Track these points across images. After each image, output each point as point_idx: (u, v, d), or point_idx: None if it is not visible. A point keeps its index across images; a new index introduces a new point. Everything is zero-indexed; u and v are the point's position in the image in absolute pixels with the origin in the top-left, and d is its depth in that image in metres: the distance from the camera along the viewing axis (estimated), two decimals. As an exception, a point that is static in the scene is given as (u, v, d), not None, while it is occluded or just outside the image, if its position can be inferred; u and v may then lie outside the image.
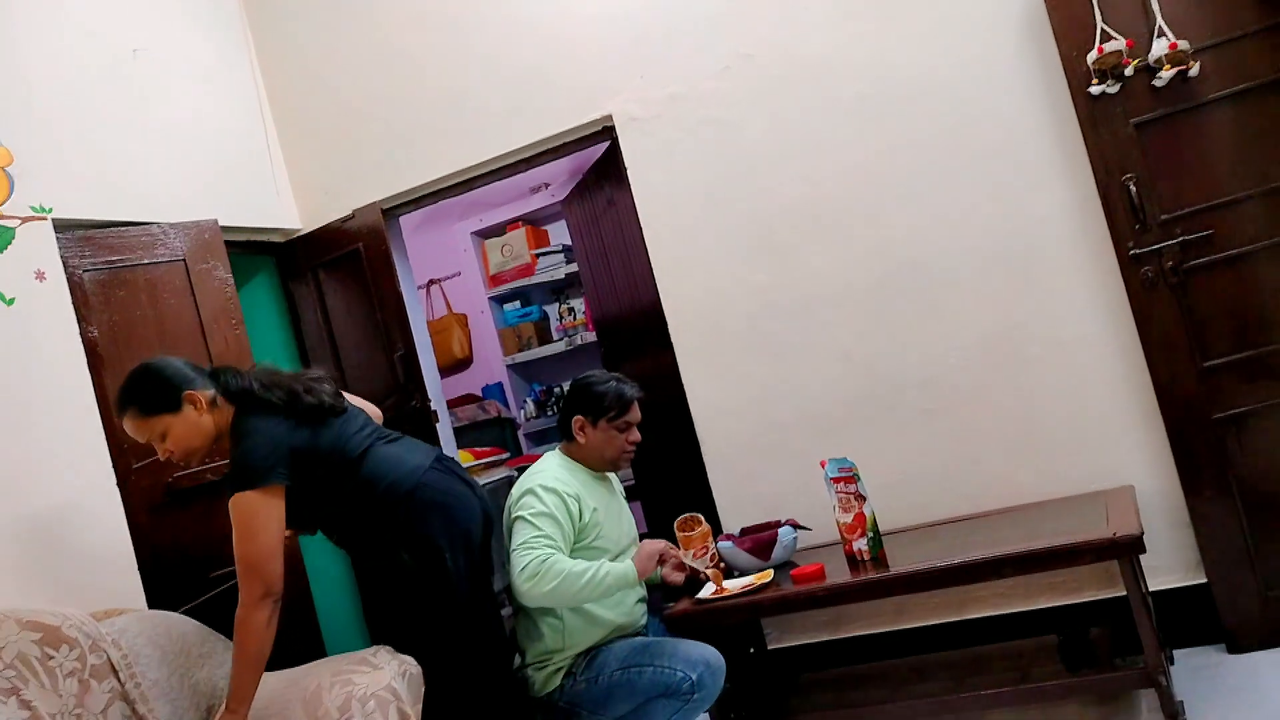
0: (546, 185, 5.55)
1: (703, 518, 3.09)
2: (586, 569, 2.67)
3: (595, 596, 2.71)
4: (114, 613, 2.72)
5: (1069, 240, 3.12)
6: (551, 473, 2.90)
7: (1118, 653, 2.84)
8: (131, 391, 2.55)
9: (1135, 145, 2.93)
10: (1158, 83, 2.87)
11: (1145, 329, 2.98)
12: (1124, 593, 2.63)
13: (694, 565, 2.96)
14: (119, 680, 2.50)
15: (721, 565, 3.09)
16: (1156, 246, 2.93)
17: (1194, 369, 2.92)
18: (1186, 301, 2.92)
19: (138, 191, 3.44)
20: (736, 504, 3.50)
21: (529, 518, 2.77)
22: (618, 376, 3.03)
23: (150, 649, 2.62)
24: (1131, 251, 2.95)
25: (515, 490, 2.91)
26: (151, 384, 2.54)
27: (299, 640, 3.37)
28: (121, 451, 3.08)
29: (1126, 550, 2.56)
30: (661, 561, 2.86)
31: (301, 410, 2.57)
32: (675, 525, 3.06)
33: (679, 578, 3.02)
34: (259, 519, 2.43)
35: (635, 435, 3.00)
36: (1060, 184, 3.11)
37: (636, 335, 3.94)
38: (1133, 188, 2.93)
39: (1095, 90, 2.93)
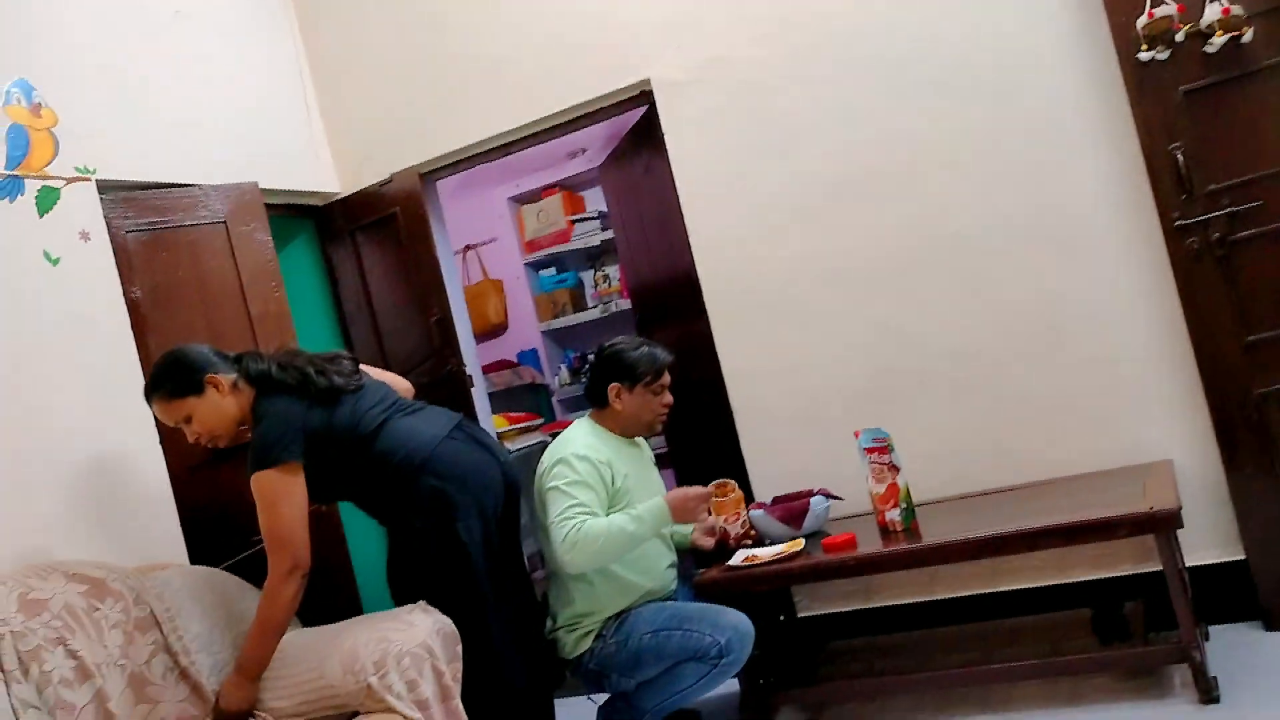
0: (583, 151, 5.53)
1: (735, 484, 3.10)
2: (620, 520, 2.74)
3: (641, 539, 2.78)
4: (157, 567, 2.78)
5: (1112, 210, 3.07)
6: (582, 440, 2.92)
7: (1152, 628, 2.83)
8: (159, 377, 2.69)
9: (1184, 113, 2.87)
10: (1209, 49, 2.80)
11: (1189, 301, 2.93)
12: (1160, 568, 2.61)
13: (726, 528, 2.98)
14: (162, 633, 2.56)
15: (753, 532, 3.10)
16: (1203, 217, 2.87)
17: (1238, 343, 2.88)
18: (1232, 274, 2.87)
19: (179, 153, 3.47)
20: (769, 472, 3.50)
21: (563, 488, 2.80)
22: (645, 341, 3.08)
23: (192, 603, 2.68)
24: (1177, 222, 2.90)
25: (546, 459, 2.93)
26: (177, 369, 2.67)
27: (337, 598, 3.43)
28: (164, 410, 3.13)
29: (1164, 525, 2.54)
30: (694, 516, 2.88)
31: (315, 391, 2.67)
32: (714, 497, 3.06)
33: (709, 542, 3.04)
34: (280, 495, 2.55)
35: (668, 398, 3.05)
36: (1104, 153, 3.06)
37: (671, 303, 3.93)
38: (1180, 157, 2.87)
39: (1144, 56, 2.87)
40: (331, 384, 2.70)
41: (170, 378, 2.67)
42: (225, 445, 2.73)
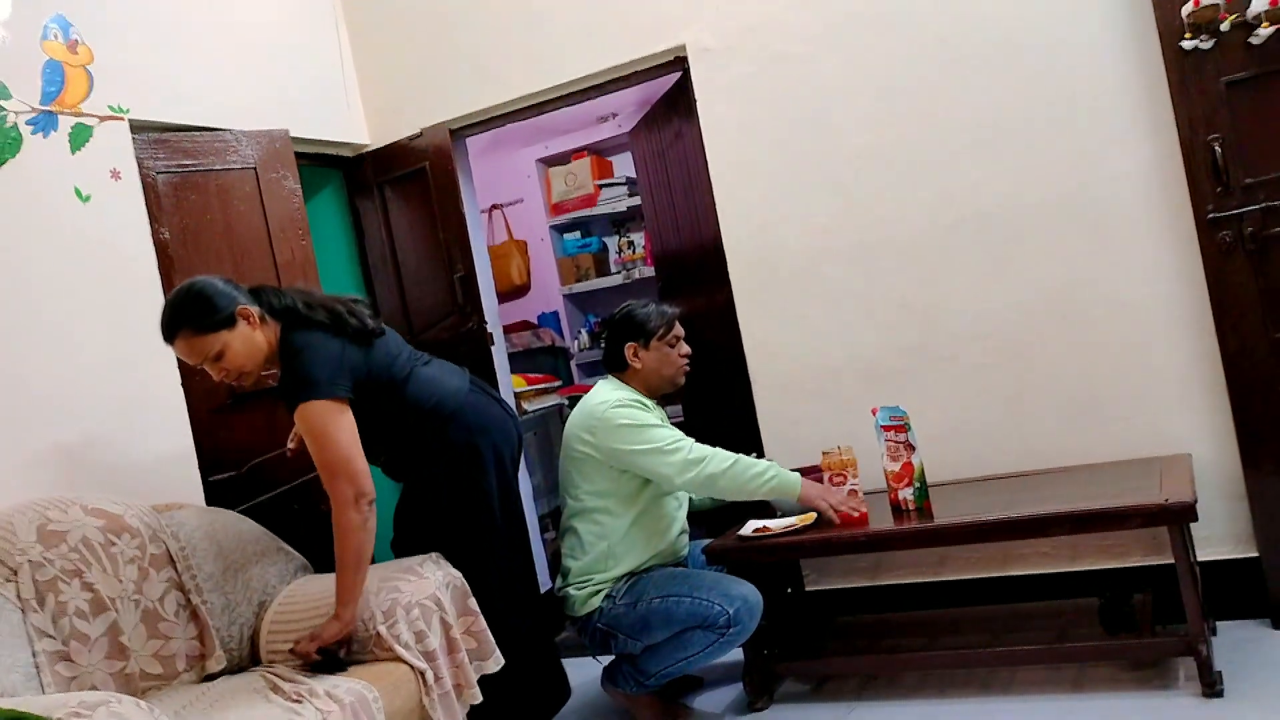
0: (614, 115, 5.50)
1: (850, 448, 3.02)
2: (746, 463, 2.86)
3: (759, 490, 2.87)
4: (174, 506, 2.82)
5: (1145, 199, 3.04)
6: (618, 395, 2.98)
7: (1159, 620, 2.82)
8: (182, 312, 2.52)
9: (1224, 104, 2.83)
10: (1254, 40, 2.76)
11: (1217, 295, 2.90)
12: (1171, 560, 2.61)
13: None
14: (176, 570, 2.60)
15: (861, 509, 2.94)
16: (1237, 211, 2.83)
17: (1265, 339, 2.85)
18: (1264, 269, 2.83)
19: (211, 97, 3.48)
20: (784, 445, 3.50)
21: (646, 424, 2.88)
22: (647, 300, 3.15)
23: (207, 543, 2.71)
24: (1210, 215, 2.87)
25: (583, 418, 2.96)
26: (204, 302, 2.51)
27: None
28: (187, 351, 3.16)
29: (1177, 517, 2.53)
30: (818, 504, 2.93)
31: (349, 331, 2.61)
32: (823, 452, 3.04)
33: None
34: (332, 423, 2.47)
35: (685, 348, 3.11)
36: (1141, 141, 3.02)
37: (694, 271, 3.92)
38: (1218, 149, 2.83)
39: (1187, 45, 2.82)
40: (364, 325, 2.64)
41: (197, 311, 2.50)
42: (250, 385, 2.66)
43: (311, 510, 3.43)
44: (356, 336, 2.62)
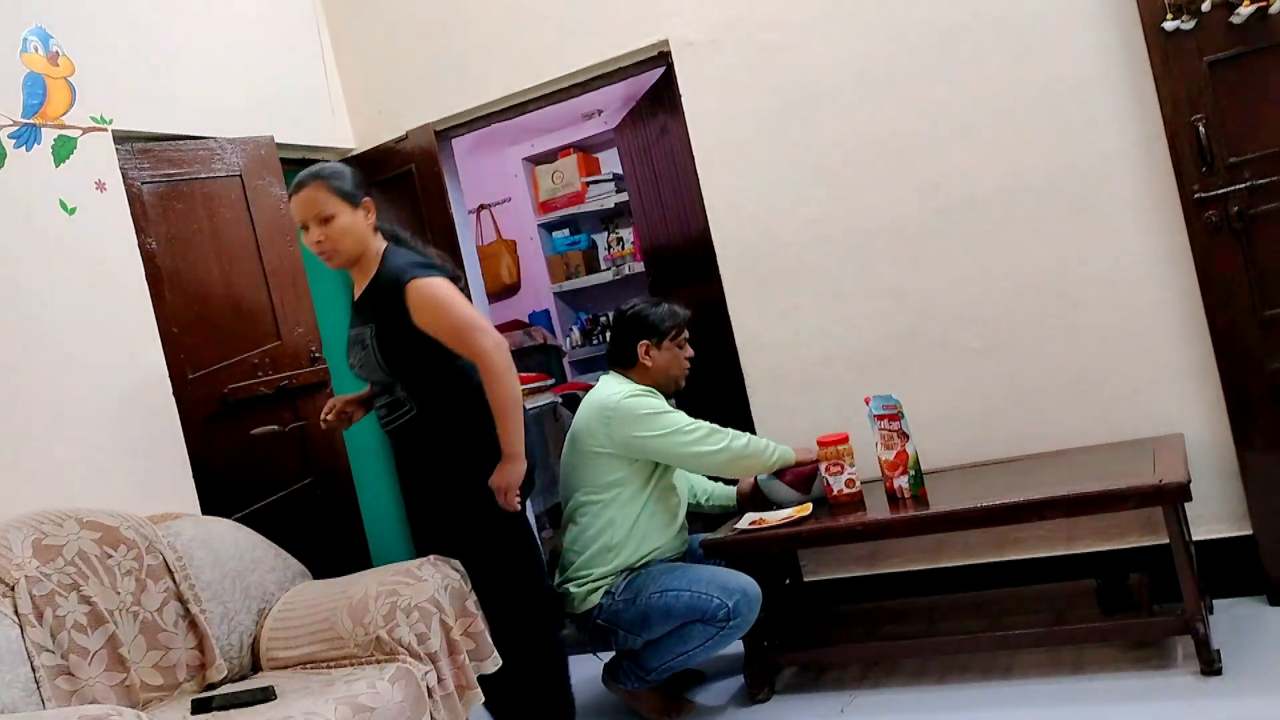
0: (600, 112, 5.49)
1: (846, 435, 3.06)
2: (757, 442, 3.03)
3: (769, 465, 3.06)
4: (169, 517, 2.81)
5: (1131, 181, 3.05)
6: (628, 388, 3.03)
7: (1156, 600, 2.84)
8: (325, 170, 2.69)
9: (1207, 84, 2.84)
10: (1235, 19, 2.76)
11: (1205, 275, 2.91)
12: (1167, 540, 2.62)
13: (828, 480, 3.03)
14: (174, 580, 2.60)
15: (857, 490, 3.04)
16: (1223, 191, 2.84)
17: (1254, 318, 2.86)
18: (1251, 248, 2.84)
19: (195, 106, 3.47)
20: (778, 436, 3.48)
21: (663, 411, 2.96)
22: (661, 299, 3.19)
23: (203, 552, 2.71)
24: (1196, 195, 2.88)
25: (595, 411, 3.00)
26: (345, 174, 2.70)
27: (347, 552, 3.46)
28: (178, 360, 3.15)
29: (1172, 498, 2.54)
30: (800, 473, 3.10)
31: (447, 274, 2.72)
32: (819, 441, 3.07)
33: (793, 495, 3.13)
34: (449, 291, 2.62)
35: (690, 350, 3.17)
36: (1126, 123, 3.03)
37: (684, 266, 3.92)
38: (1202, 129, 2.84)
39: (1169, 26, 2.83)
40: (455, 274, 2.75)
41: (337, 175, 2.68)
42: (336, 262, 2.70)
43: (307, 517, 3.44)
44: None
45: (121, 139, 3.17)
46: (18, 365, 2.75)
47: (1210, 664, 2.54)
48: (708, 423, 3.00)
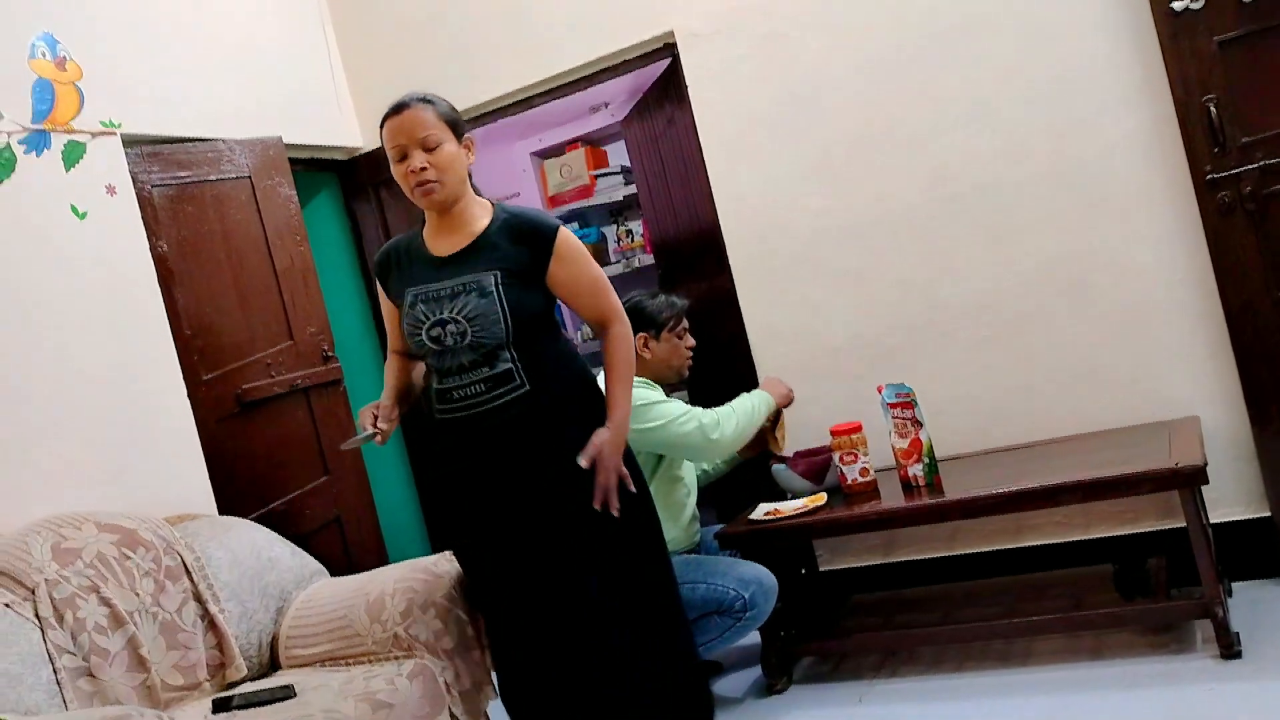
0: (606, 105, 5.47)
1: (859, 424, 3.05)
2: (741, 406, 3.02)
3: (759, 418, 3.04)
4: (186, 518, 2.83)
5: (1142, 163, 3.03)
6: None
7: (1174, 584, 2.83)
8: (432, 96, 2.38)
9: (1218, 64, 2.81)
10: (1245, -2, 2.75)
11: (1219, 256, 2.89)
12: (1184, 524, 2.61)
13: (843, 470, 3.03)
14: (192, 581, 2.61)
15: (870, 480, 3.02)
16: (1235, 171, 2.82)
17: (1268, 298, 2.84)
18: (1264, 229, 2.82)
19: (203, 108, 3.48)
20: (790, 427, 3.49)
21: (657, 401, 2.94)
22: (658, 291, 3.20)
23: (221, 552, 2.72)
24: (1208, 176, 2.86)
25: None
26: (458, 114, 2.40)
27: (364, 547, 3.48)
28: (192, 362, 3.17)
29: (1188, 481, 2.53)
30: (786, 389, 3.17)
31: None
32: (832, 430, 3.06)
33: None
34: (583, 246, 2.36)
35: (691, 340, 3.17)
36: (1136, 105, 3.01)
37: (694, 257, 3.92)
38: (1213, 109, 2.82)
39: (1178, 6, 2.81)
40: None
41: (450, 107, 2.38)
42: (439, 196, 2.28)
43: (323, 514, 3.45)
44: None
45: (130, 142, 3.18)
46: (32, 370, 2.76)
47: (1230, 647, 2.53)
48: (701, 408, 2.97)
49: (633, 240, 5.63)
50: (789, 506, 2.99)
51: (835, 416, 3.22)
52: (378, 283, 2.47)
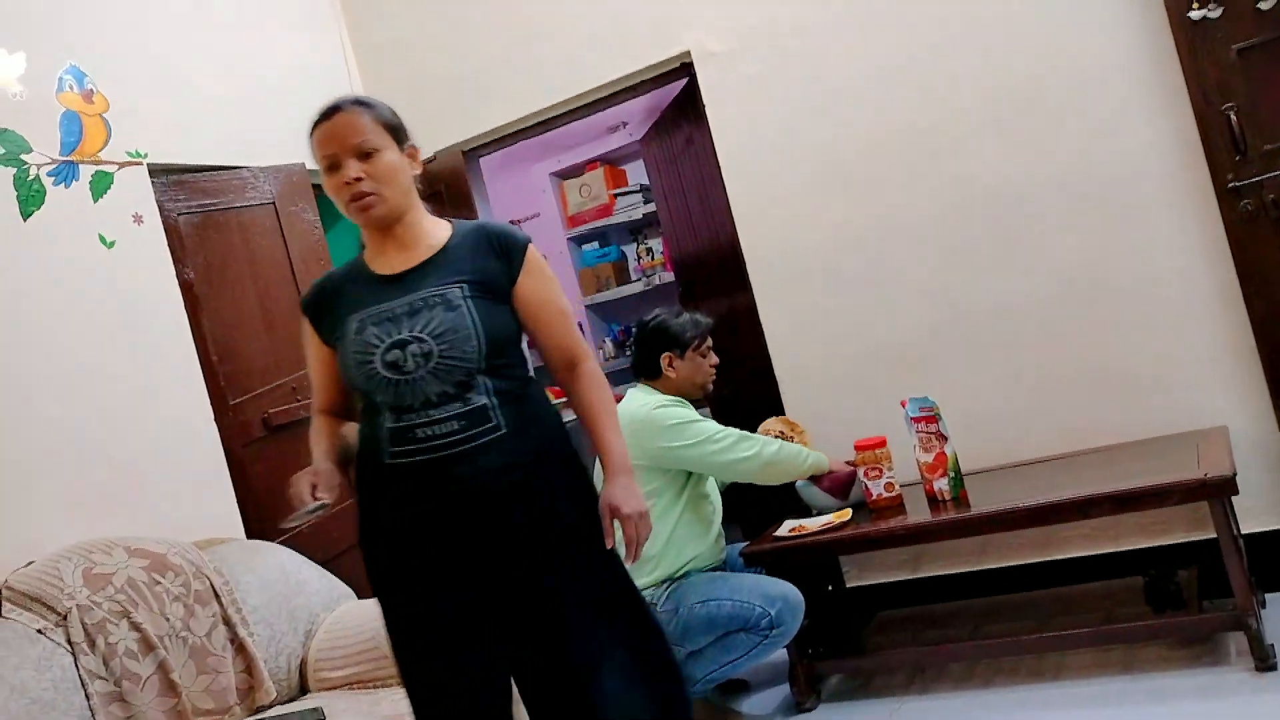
0: (624, 124, 5.51)
1: (884, 439, 3.05)
2: (791, 446, 3.05)
3: (803, 471, 3.05)
4: (215, 542, 2.85)
5: (1163, 172, 3.01)
6: (656, 399, 3.05)
7: (1206, 596, 2.79)
8: (368, 99, 2.12)
9: (1237, 72, 2.80)
10: (1263, 6, 2.73)
11: (1243, 264, 2.87)
12: (1215, 535, 2.58)
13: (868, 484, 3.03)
14: (221, 605, 2.63)
15: (895, 496, 3.03)
16: (1257, 179, 2.81)
17: (1295, 306, 2.82)
18: (1288, 236, 2.80)
19: (227, 137, 3.52)
20: (814, 442, 3.49)
21: (692, 420, 2.97)
22: (681, 309, 3.20)
23: (249, 576, 2.74)
24: (1230, 184, 2.84)
25: (624, 424, 2.96)
26: (398, 117, 2.11)
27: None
28: (219, 387, 3.20)
29: (1218, 491, 2.50)
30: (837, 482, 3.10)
31: None
32: (856, 445, 3.07)
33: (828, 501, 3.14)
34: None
35: (715, 358, 3.16)
36: (1155, 114, 3.00)
37: (714, 274, 3.93)
38: (1233, 117, 2.81)
39: (1195, 15, 2.80)
40: None
41: (390, 111, 2.09)
42: (379, 211, 1.98)
43: (350, 537, 3.46)
44: None
45: (157, 172, 3.22)
46: (62, 396, 2.80)
47: (1264, 660, 2.50)
48: (737, 429, 3.00)
49: (653, 258, 5.65)
50: (814, 523, 2.98)
51: (859, 431, 3.21)
52: (307, 325, 2.10)
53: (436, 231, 2.05)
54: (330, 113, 2.05)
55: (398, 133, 2.06)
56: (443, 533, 1.91)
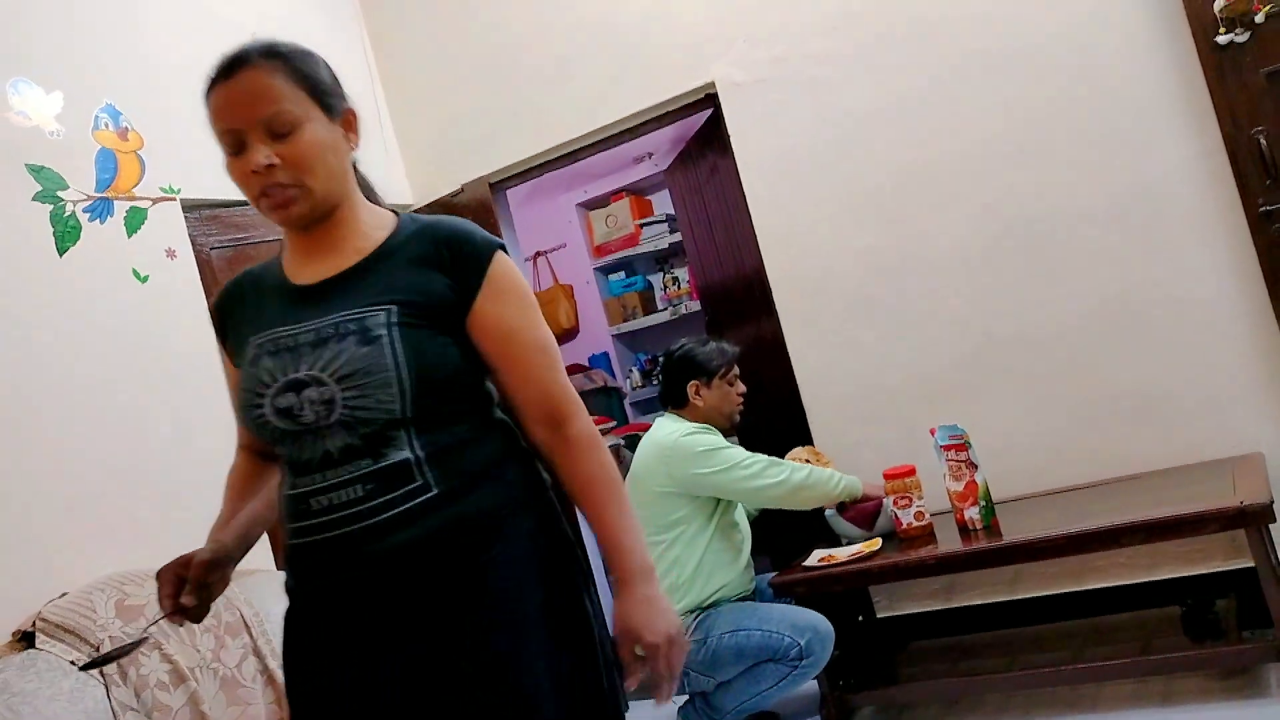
0: (650, 155, 5.55)
1: (913, 467, 3.03)
2: (822, 471, 3.04)
3: (830, 498, 3.04)
4: (245, 573, 2.86)
5: (1193, 197, 2.99)
6: (685, 426, 3.06)
7: (1245, 625, 2.74)
8: (286, 48, 1.51)
9: (1267, 96, 2.79)
10: (1292, 28, 2.72)
11: (1276, 288, 2.85)
12: (1253, 563, 2.54)
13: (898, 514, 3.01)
14: (251, 636, 2.64)
15: (925, 524, 3.01)
16: (1289, 202, 2.79)
17: (1330, 330, 2.79)
18: (1322, 259, 2.78)
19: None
20: (842, 471, 3.47)
21: (720, 446, 2.98)
22: (708, 338, 3.22)
23: (279, 608, 2.73)
24: (1262, 208, 2.82)
25: (654, 451, 3.03)
26: (329, 71, 1.56)
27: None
28: (249, 420, 3.22)
29: (1255, 519, 2.46)
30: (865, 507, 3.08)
31: None
32: (885, 474, 3.05)
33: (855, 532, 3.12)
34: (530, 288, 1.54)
35: (742, 386, 3.18)
36: (1184, 139, 2.98)
37: (741, 303, 3.93)
38: (1263, 141, 2.79)
39: (1222, 39, 2.79)
40: None
41: (314, 65, 1.52)
42: (300, 210, 1.45)
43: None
44: None
45: (189, 207, 3.28)
46: (97, 429, 2.84)
47: (1307, 691, 2.45)
48: (766, 455, 3.00)
49: (679, 287, 5.67)
50: (843, 552, 2.96)
51: (889, 459, 3.19)
52: (217, 337, 1.66)
53: (374, 229, 1.52)
54: (230, 69, 1.47)
55: (327, 95, 1.50)
56: (357, 645, 1.41)
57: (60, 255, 2.89)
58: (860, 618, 3.38)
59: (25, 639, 2.40)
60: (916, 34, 3.29)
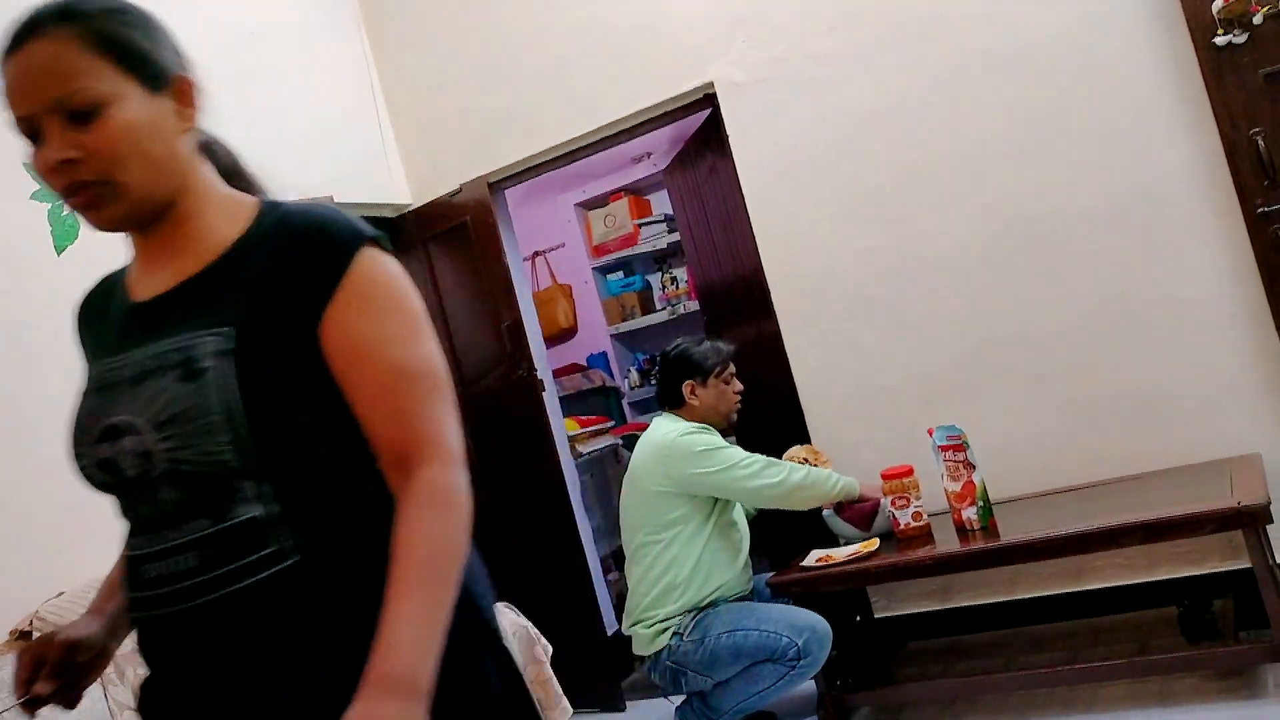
0: (649, 155, 5.55)
1: (911, 467, 3.04)
2: (820, 471, 3.05)
3: (827, 497, 3.04)
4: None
5: (1192, 198, 3.00)
6: (682, 426, 3.07)
7: (1242, 626, 2.75)
8: (104, 8, 1.18)
9: (1264, 97, 2.79)
10: (1290, 30, 2.73)
11: (1274, 289, 2.85)
12: (1250, 564, 2.54)
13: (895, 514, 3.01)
14: (249, 636, 2.63)
15: (923, 524, 3.02)
16: (1287, 203, 2.79)
17: (1328, 331, 2.79)
18: (1320, 261, 2.78)
19: (257, 172, 3.56)
20: (840, 471, 3.47)
21: (718, 446, 2.99)
22: (704, 338, 3.23)
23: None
24: (1260, 209, 2.82)
25: (652, 451, 3.03)
26: (152, 29, 1.24)
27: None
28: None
29: (1252, 520, 2.47)
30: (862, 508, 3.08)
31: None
32: (883, 474, 3.06)
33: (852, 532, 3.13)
34: (415, 297, 1.22)
35: (739, 385, 3.19)
36: (1182, 140, 2.99)
37: (739, 303, 3.93)
38: (1261, 142, 2.79)
39: (1220, 40, 2.79)
40: None
41: (125, 24, 1.19)
42: (113, 211, 1.19)
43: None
44: None
45: (188, 206, 3.27)
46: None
47: (1304, 692, 2.46)
48: (764, 456, 3.00)
49: (678, 287, 5.67)
50: (841, 553, 2.96)
51: (888, 460, 3.20)
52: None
53: (225, 225, 1.24)
54: (18, 40, 1.14)
55: (145, 62, 1.19)
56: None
57: (58, 254, 2.88)
58: (858, 618, 3.39)
59: (24, 638, 2.40)
60: (916, 34, 3.30)
